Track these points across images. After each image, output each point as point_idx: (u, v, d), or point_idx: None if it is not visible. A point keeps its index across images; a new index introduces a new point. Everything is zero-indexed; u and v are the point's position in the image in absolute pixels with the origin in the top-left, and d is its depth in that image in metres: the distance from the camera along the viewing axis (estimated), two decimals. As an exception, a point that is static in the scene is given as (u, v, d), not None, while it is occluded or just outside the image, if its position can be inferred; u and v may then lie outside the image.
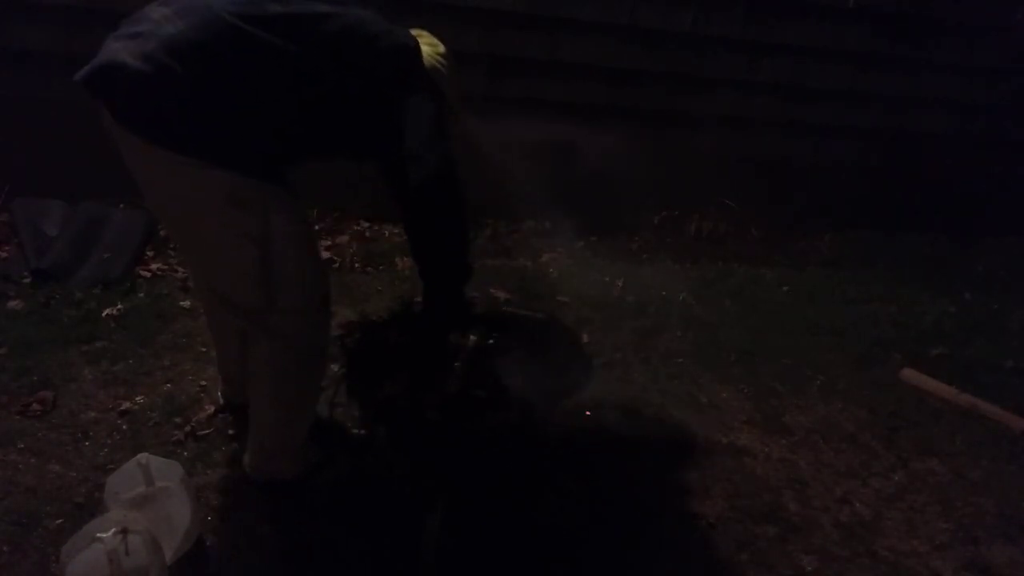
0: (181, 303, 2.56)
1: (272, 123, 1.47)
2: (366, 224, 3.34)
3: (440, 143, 1.56)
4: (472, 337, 1.80)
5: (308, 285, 1.61)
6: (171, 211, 1.62)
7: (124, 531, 1.39)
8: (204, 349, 2.33)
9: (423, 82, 1.63)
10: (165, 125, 1.37)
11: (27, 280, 2.57)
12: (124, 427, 1.99)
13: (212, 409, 2.07)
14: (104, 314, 2.43)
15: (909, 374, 2.72)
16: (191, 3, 1.42)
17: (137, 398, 2.09)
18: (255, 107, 1.43)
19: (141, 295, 2.59)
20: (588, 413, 2.20)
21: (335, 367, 2.10)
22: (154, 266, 2.78)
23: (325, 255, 2.99)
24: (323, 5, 1.51)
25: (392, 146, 1.55)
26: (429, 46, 1.71)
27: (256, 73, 1.42)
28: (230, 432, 2.00)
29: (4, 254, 2.72)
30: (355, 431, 2.02)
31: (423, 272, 1.68)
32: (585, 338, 2.64)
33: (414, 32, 1.73)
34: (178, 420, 2.03)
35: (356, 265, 3.01)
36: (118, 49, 1.35)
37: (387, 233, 3.27)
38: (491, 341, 1.80)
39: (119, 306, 2.48)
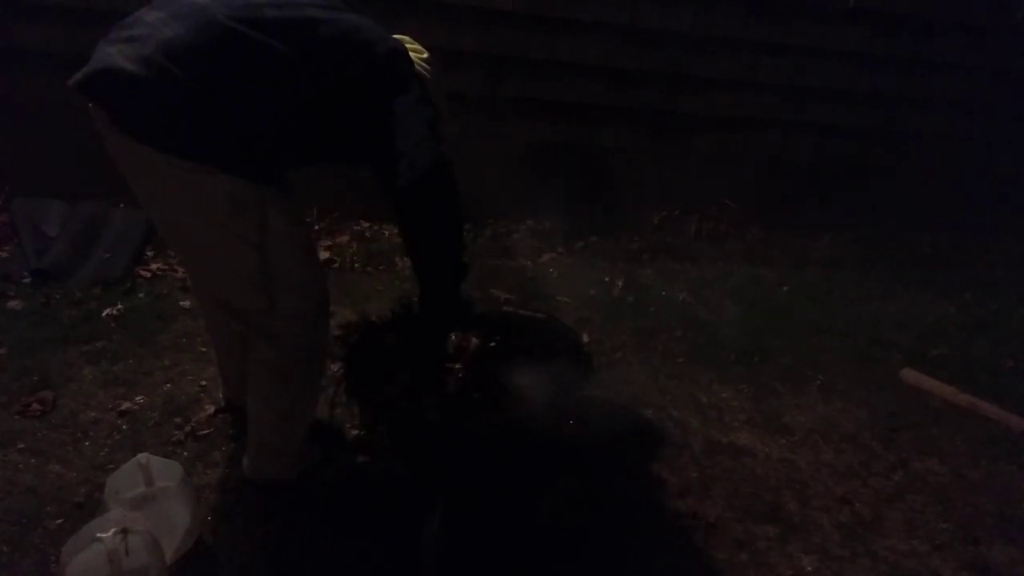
0: (181, 303, 2.57)
1: (269, 126, 1.46)
2: (366, 224, 3.35)
3: (433, 144, 1.52)
4: (473, 338, 1.80)
5: (307, 289, 1.62)
6: (169, 217, 1.59)
7: (124, 531, 1.39)
8: (204, 349, 2.34)
9: (417, 86, 1.59)
10: (166, 130, 1.36)
11: (27, 280, 2.57)
12: (124, 427, 1.99)
13: (212, 409, 2.07)
14: (104, 314, 2.43)
15: (909, 374, 2.72)
16: (186, 7, 1.40)
17: (137, 398, 2.09)
18: (253, 110, 1.42)
19: (141, 295, 2.59)
20: (571, 423, 2.21)
21: (335, 367, 2.10)
22: (154, 266, 2.78)
23: (325, 255, 2.99)
24: (318, 11, 1.50)
25: (384, 147, 1.51)
26: (414, 52, 1.69)
27: (253, 76, 1.41)
28: (230, 432, 2.00)
29: (4, 254, 2.72)
30: (355, 431, 2.02)
31: (418, 271, 1.67)
32: (585, 338, 2.64)
33: (398, 37, 1.70)
34: (178, 420, 2.03)
35: (356, 265, 3.01)
36: (113, 54, 1.34)
37: (387, 233, 3.28)
38: (492, 343, 1.80)
39: (119, 306, 2.48)
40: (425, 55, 1.71)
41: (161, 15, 1.38)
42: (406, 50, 1.64)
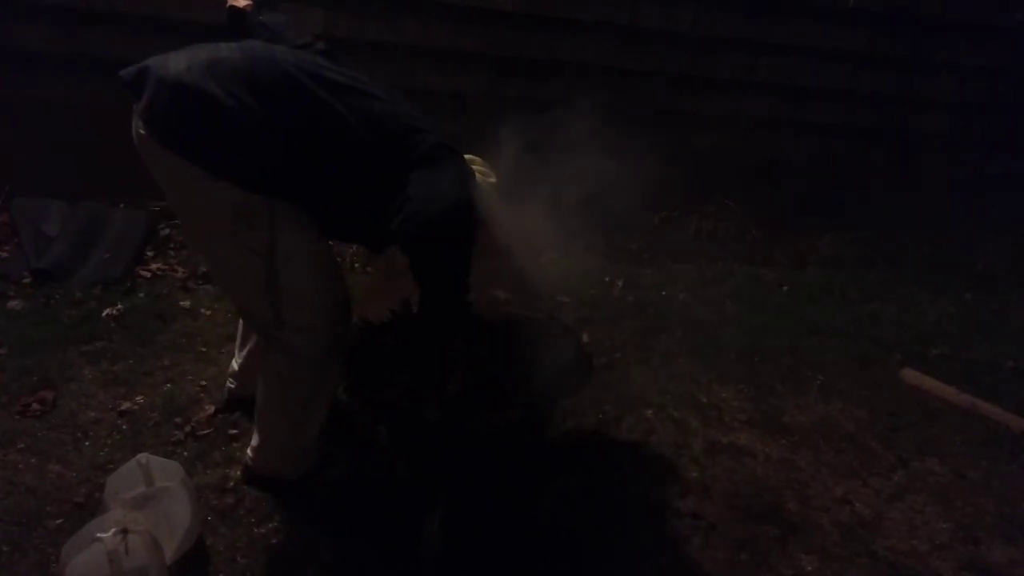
0: (181, 303, 2.56)
1: (288, 157, 1.46)
2: (366, 224, 3.34)
3: (453, 193, 1.47)
4: (472, 340, 1.80)
5: (317, 304, 1.61)
6: (183, 216, 1.64)
7: (124, 531, 1.39)
8: (204, 349, 2.34)
9: (457, 166, 1.58)
10: (182, 131, 1.40)
11: (27, 280, 2.57)
12: (124, 427, 1.99)
13: (212, 409, 2.07)
14: (104, 314, 2.43)
15: (909, 374, 2.72)
16: (258, 46, 1.51)
17: (137, 398, 2.09)
18: (276, 137, 1.43)
19: (141, 295, 2.59)
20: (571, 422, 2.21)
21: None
22: (154, 266, 2.78)
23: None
24: (380, 92, 1.55)
25: (395, 197, 1.47)
26: (481, 174, 1.71)
27: (288, 109, 1.43)
28: (230, 432, 2.00)
29: (4, 254, 2.72)
30: (355, 431, 2.02)
31: (419, 285, 1.66)
32: (585, 338, 2.64)
33: (468, 158, 1.72)
34: (178, 420, 2.03)
35: (356, 265, 3.01)
36: (170, 56, 1.42)
37: (387, 233, 3.27)
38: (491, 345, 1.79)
39: (119, 306, 2.48)
40: (493, 180, 1.73)
41: (232, 45, 1.48)
42: (457, 150, 1.63)
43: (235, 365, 2.06)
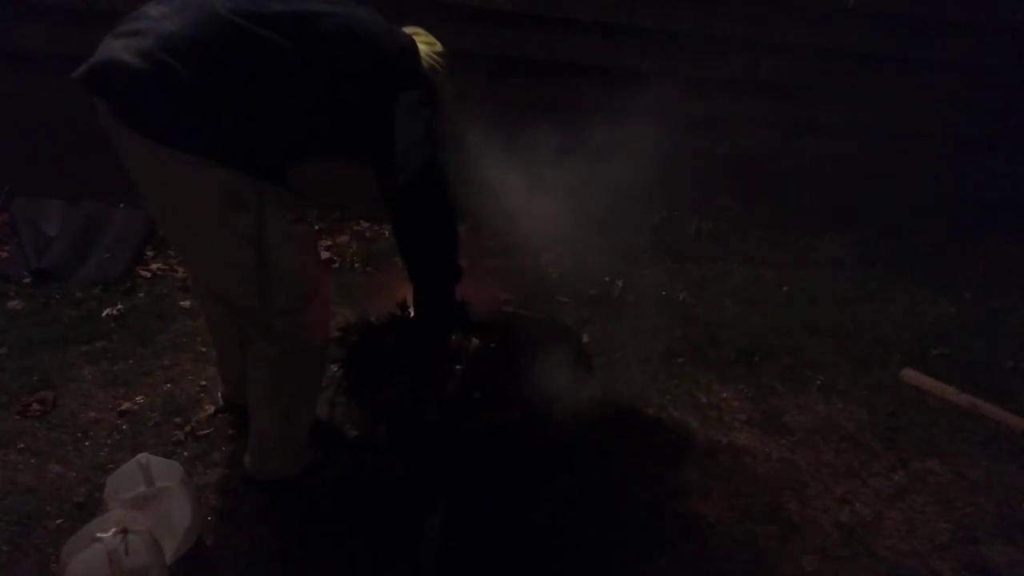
0: (181, 303, 2.57)
1: (270, 121, 1.45)
2: (366, 224, 3.35)
3: (430, 146, 1.53)
4: (473, 339, 1.80)
5: (305, 287, 1.61)
6: (168, 210, 1.59)
7: (124, 531, 1.39)
8: (204, 349, 2.34)
9: (421, 83, 1.61)
10: (165, 123, 1.37)
11: (27, 280, 2.57)
12: (124, 427, 1.99)
13: (212, 409, 2.07)
14: (104, 314, 2.43)
15: (909, 374, 2.72)
16: (189, 1, 1.42)
17: (137, 398, 2.09)
18: (254, 104, 1.42)
19: (141, 295, 2.59)
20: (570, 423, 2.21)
21: (334, 367, 2.10)
22: (154, 266, 2.78)
23: (325, 255, 2.99)
24: (322, 4, 1.51)
25: (381, 147, 1.53)
26: (426, 44, 1.71)
27: (254, 70, 1.41)
28: (230, 432, 2.00)
29: (4, 254, 2.72)
30: (355, 431, 2.02)
31: (411, 273, 1.67)
32: (585, 338, 2.64)
33: (410, 30, 1.72)
34: (178, 420, 2.03)
35: (356, 265, 3.01)
36: (116, 47, 1.35)
37: (387, 233, 3.28)
38: (492, 345, 1.80)
39: (119, 306, 2.48)
40: (439, 49, 1.73)
41: (165, 9, 1.40)
42: (414, 45, 1.65)
43: (220, 384, 2.07)
